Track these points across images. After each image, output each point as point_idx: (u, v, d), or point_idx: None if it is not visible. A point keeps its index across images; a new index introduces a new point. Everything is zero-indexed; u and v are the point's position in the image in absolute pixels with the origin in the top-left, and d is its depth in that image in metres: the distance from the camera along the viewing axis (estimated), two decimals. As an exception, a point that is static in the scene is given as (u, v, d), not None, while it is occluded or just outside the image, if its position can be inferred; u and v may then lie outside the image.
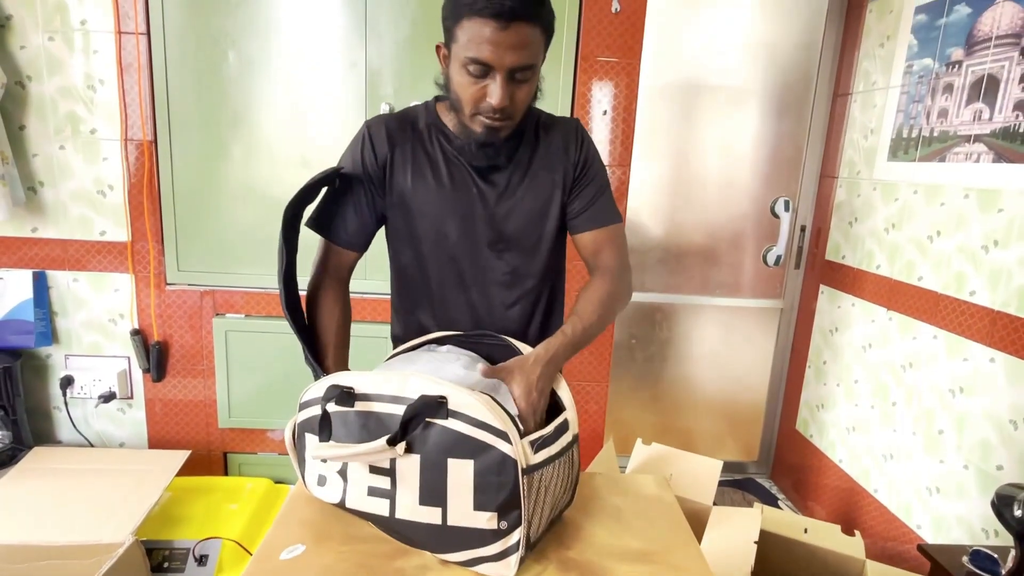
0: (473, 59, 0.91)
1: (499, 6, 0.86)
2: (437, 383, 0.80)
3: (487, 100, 0.94)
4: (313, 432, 0.88)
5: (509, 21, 0.87)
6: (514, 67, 0.91)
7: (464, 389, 0.80)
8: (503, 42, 0.89)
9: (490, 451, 0.78)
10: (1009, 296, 1.51)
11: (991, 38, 1.59)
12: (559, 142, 1.10)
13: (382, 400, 0.83)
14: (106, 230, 2.05)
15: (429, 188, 1.06)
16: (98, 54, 1.93)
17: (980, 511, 1.57)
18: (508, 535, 0.80)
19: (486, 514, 0.79)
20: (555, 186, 1.09)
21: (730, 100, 2.33)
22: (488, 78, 0.93)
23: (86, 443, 2.18)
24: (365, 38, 1.93)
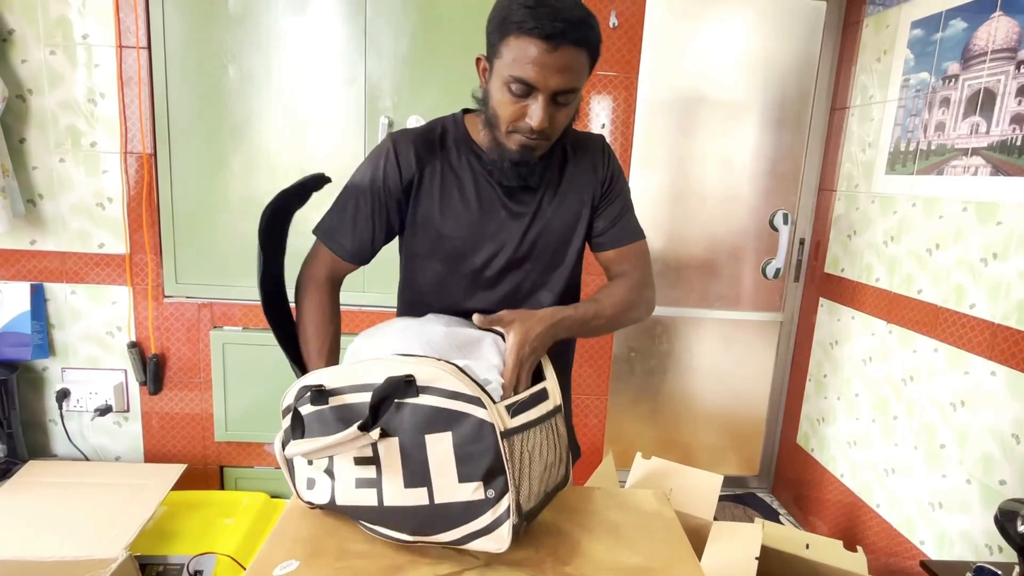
0: (517, 78, 0.89)
1: (549, 28, 0.85)
2: (402, 362, 0.79)
3: (526, 120, 0.93)
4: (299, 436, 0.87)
5: (558, 44, 0.86)
6: (558, 90, 0.90)
7: (429, 360, 0.78)
8: (550, 64, 0.87)
9: (466, 419, 0.77)
10: (1009, 309, 1.51)
11: (987, 52, 1.60)
12: (587, 161, 1.09)
13: (354, 391, 0.82)
14: (105, 242, 2.05)
15: (457, 211, 1.04)
16: (99, 68, 1.95)
17: (983, 526, 1.56)
18: (497, 503, 0.78)
19: (472, 485, 0.77)
20: (583, 205, 1.08)
21: (728, 114, 2.34)
22: (530, 98, 0.92)
23: (81, 457, 2.16)
24: (365, 53, 1.95)
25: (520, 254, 1.07)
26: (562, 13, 0.86)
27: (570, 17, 0.86)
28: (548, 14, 0.85)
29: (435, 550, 0.89)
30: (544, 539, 0.89)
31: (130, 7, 1.91)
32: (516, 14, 0.87)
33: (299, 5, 1.92)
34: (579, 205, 1.08)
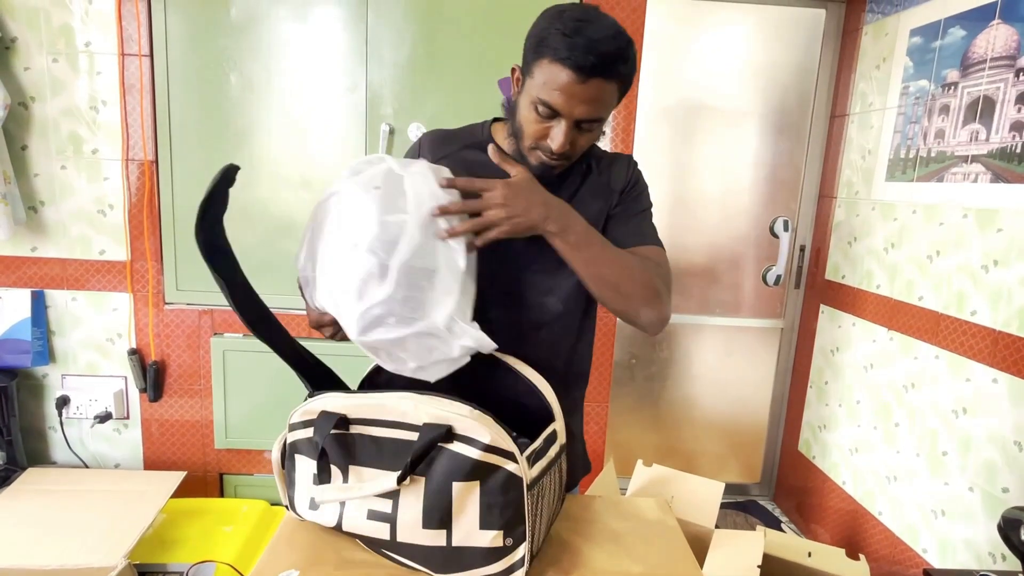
0: (544, 102, 0.90)
1: (582, 59, 0.85)
2: (437, 405, 0.78)
3: (548, 141, 0.94)
4: (305, 455, 0.86)
5: (588, 76, 0.86)
6: (582, 119, 0.91)
7: (466, 408, 0.77)
8: (577, 94, 0.88)
9: (497, 472, 0.77)
10: (1010, 316, 1.51)
11: (986, 60, 1.61)
12: (609, 173, 1.09)
13: (380, 426, 0.81)
14: (106, 249, 2.05)
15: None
16: (101, 75, 1.95)
17: (987, 534, 1.55)
18: (513, 551, 0.79)
19: (492, 533, 0.78)
20: (600, 213, 1.07)
21: (728, 121, 2.34)
22: (554, 120, 0.92)
23: (81, 464, 2.16)
24: (366, 60, 1.95)
25: (532, 254, 1.03)
26: (598, 46, 0.86)
27: (605, 51, 0.86)
28: (583, 45, 0.85)
29: (436, 559, 0.89)
30: (545, 549, 0.88)
31: (132, 15, 1.91)
32: (553, 39, 0.87)
33: (300, 13, 1.93)
34: (596, 212, 1.07)
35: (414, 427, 0.79)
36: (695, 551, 0.96)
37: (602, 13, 0.91)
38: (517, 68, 0.99)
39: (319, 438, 0.81)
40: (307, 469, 0.86)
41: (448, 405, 0.78)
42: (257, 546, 1.87)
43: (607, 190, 1.09)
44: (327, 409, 0.83)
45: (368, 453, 0.82)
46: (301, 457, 0.87)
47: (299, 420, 0.87)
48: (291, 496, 0.92)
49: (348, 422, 0.82)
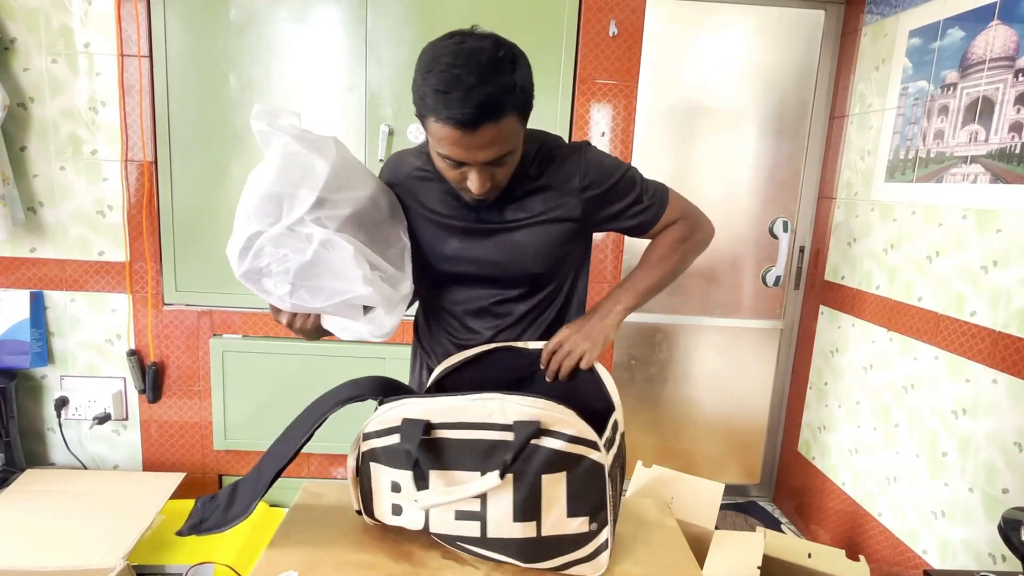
0: (445, 156, 0.90)
1: (461, 116, 0.83)
2: (521, 403, 0.81)
3: (467, 184, 0.94)
4: (384, 464, 0.86)
5: (477, 127, 0.84)
6: (489, 160, 0.90)
7: (550, 404, 0.81)
8: (474, 144, 0.87)
9: (582, 461, 0.82)
10: (1010, 317, 1.51)
11: (985, 61, 1.61)
12: (561, 175, 1.05)
13: (466, 428, 0.83)
14: (104, 250, 2.05)
15: (429, 223, 1.07)
16: (100, 76, 1.95)
17: (986, 535, 1.55)
18: (598, 535, 0.85)
19: (579, 519, 0.83)
20: (557, 221, 1.05)
21: (728, 122, 2.34)
22: (465, 167, 0.92)
23: (80, 465, 2.15)
24: (365, 61, 1.95)
25: (479, 268, 1.07)
26: (473, 96, 0.82)
27: (482, 97, 0.83)
28: (459, 100, 0.82)
29: (435, 560, 0.89)
30: (545, 549, 0.88)
31: (132, 16, 1.91)
32: (430, 99, 0.85)
33: (300, 14, 1.93)
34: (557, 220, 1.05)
35: (503, 426, 0.82)
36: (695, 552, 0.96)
37: (477, 43, 0.86)
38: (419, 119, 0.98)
39: (410, 446, 0.82)
40: (386, 477, 0.86)
41: (532, 402, 0.81)
42: (256, 548, 1.87)
43: (565, 191, 1.05)
44: (409, 416, 0.84)
45: (456, 456, 0.83)
46: (378, 465, 0.87)
47: (377, 429, 0.86)
48: (367, 503, 0.91)
49: (431, 427, 0.84)
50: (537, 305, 1.12)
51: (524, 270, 1.07)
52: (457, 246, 1.06)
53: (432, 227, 1.07)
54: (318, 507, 1.02)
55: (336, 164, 0.89)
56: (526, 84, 0.90)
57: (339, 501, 1.04)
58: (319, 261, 0.86)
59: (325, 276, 0.87)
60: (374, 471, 0.88)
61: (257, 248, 0.86)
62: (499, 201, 1.03)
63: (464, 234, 1.06)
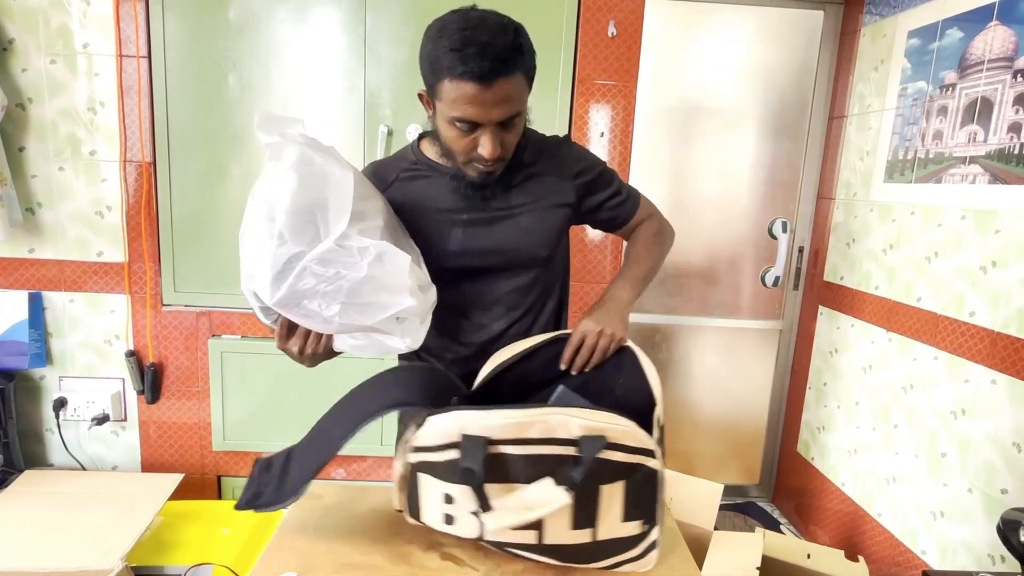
0: (459, 118, 0.92)
1: (479, 68, 0.86)
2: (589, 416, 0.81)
3: (479, 151, 0.95)
4: (437, 477, 0.83)
5: (492, 81, 0.88)
6: (502, 120, 0.93)
7: (614, 416, 0.81)
8: (488, 100, 0.89)
9: (640, 469, 0.83)
10: (1009, 317, 1.51)
11: (983, 61, 1.61)
12: (555, 160, 1.11)
13: (527, 444, 0.81)
14: (103, 251, 2.04)
15: (424, 221, 1.07)
16: (99, 77, 1.95)
17: (985, 536, 1.55)
18: (648, 535, 0.87)
19: (634, 523, 0.85)
20: (558, 203, 1.10)
21: (727, 123, 2.35)
22: (477, 131, 0.94)
23: (78, 466, 2.15)
24: (364, 62, 1.95)
25: (493, 256, 1.08)
26: (489, 49, 0.86)
27: (498, 51, 0.87)
28: (476, 55, 0.86)
29: (434, 560, 0.89)
30: (544, 550, 0.88)
31: (130, 16, 1.91)
32: (445, 59, 0.88)
33: (299, 14, 1.93)
34: (552, 206, 1.10)
35: (566, 441, 0.80)
36: (694, 553, 0.96)
37: (481, 12, 0.92)
38: (423, 93, 1.00)
39: (474, 465, 0.79)
40: (438, 489, 0.84)
41: (595, 415, 0.81)
42: (255, 549, 1.87)
43: (558, 179, 1.10)
44: (468, 432, 0.81)
45: (517, 470, 0.82)
46: (428, 477, 0.84)
47: (431, 444, 0.83)
48: (414, 508, 0.88)
49: (491, 442, 0.81)
50: (543, 293, 1.14)
51: (533, 254, 1.09)
52: (462, 238, 1.07)
53: (433, 224, 1.07)
54: (317, 508, 1.02)
55: (355, 173, 0.88)
56: (530, 50, 0.95)
57: (338, 502, 1.04)
58: (374, 275, 0.83)
59: (378, 291, 0.84)
60: (423, 482, 0.85)
61: (300, 270, 0.81)
62: (499, 189, 1.05)
63: (469, 225, 1.07)
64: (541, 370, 1.01)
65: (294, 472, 0.91)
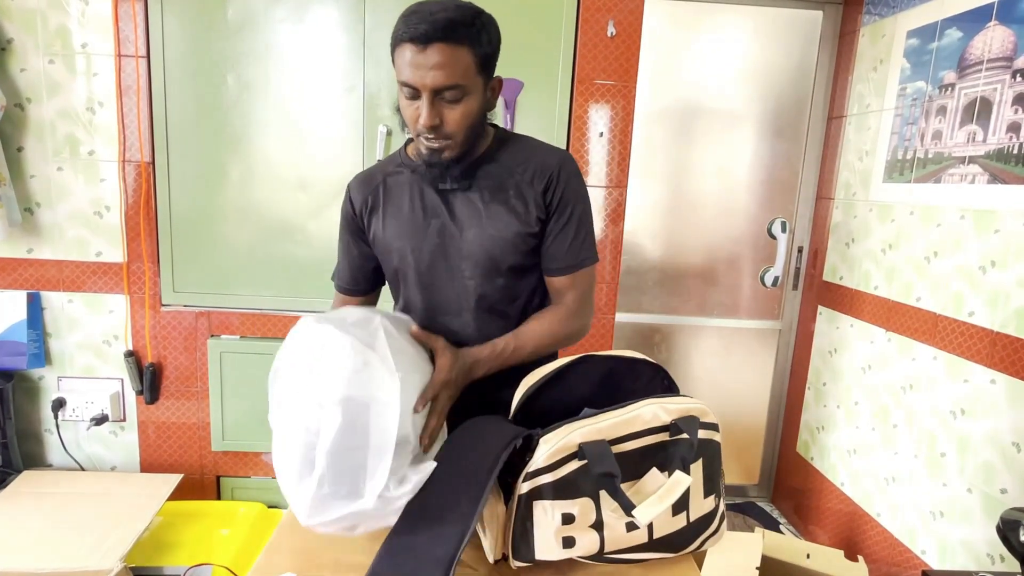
0: (402, 82, 0.96)
1: (414, 30, 0.91)
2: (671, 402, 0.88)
3: (419, 125, 0.98)
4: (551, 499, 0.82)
5: (427, 43, 0.91)
6: (436, 87, 0.93)
7: (692, 400, 0.90)
8: (422, 63, 0.92)
9: (711, 444, 0.91)
10: (1008, 317, 1.51)
11: (983, 61, 1.61)
12: (529, 174, 1.06)
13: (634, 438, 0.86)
14: (102, 251, 2.04)
15: (402, 221, 1.09)
16: (98, 77, 1.95)
17: (984, 535, 1.55)
18: (718, 509, 0.92)
19: (712, 497, 0.91)
20: (516, 215, 1.06)
21: (726, 123, 2.35)
22: (419, 99, 0.96)
23: (77, 467, 2.14)
24: (363, 61, 1.95)
25: (461, 259, 1.08)
26: (431, 17, 0.91)
27: (438, 18, 0.91)
28: (417, 19, 0.92)
29: (434, 562, 0.88)
30: (544, 550, 0.88)
31: (129, 16, 1.91)
32: (396, 28, 0.94)
33: (298, 14, 1.93)
34: (510, 213, 1.06)
35: (661, 428, 0.87)
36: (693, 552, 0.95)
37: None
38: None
39: (609, 467, 0.82)
40: (554, 512, 0.82)
41: (675, 401, 0.89)
42: (254, 549, 1.87)
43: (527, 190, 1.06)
44: (584, 441, 0.83)
45: (633, 465, 0.86)
46: (544, 503, 0.82)
47: (546, 464, 0.82)
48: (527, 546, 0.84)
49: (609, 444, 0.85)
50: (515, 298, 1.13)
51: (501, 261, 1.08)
52: (436, 240, 1.08)
53: (406, 224, 1.09)
54: (316, 508, 1.02)
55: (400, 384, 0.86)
56: (489, 33, 0.97)
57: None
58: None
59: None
60: (538, 510, 0.82)
61: (338, 517, 0.83)
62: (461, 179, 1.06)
63: (441, 228, 1.08)
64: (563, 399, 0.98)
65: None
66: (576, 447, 0.83)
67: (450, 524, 0.81)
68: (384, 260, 1.15)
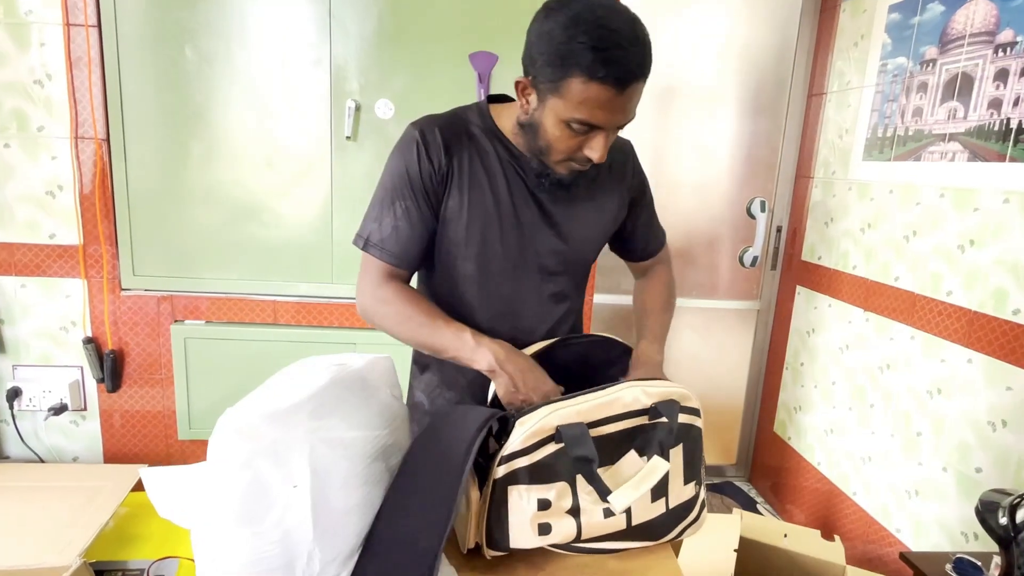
0: (581, 120, 0.84)
1: (623, 75, 0.80)
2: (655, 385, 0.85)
3: (585, 152, 0.89)
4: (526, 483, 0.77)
5: (627, 86, 0.81)
6: (622, 124, 0.88)
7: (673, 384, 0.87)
8: (619, 106, 0.83)
9: (691, 429, 0.87)
10: (986, 296, 1.50)
11: (965, 36, 1.58)
12: (619, 165, 1.07)
13: (613, 421, 0.82)
14: (56, 233, 1.94)
15: (488, 204, 0.96)
16: (45, 47, 1.83)
17: (959, 514, 1.56)
18: (698, 497, 0.89)
19: (691, 484, 0.88)
20: (619, 209, 1.08)
21: (705, 101, 2.30)
22: (591, 132, 0.87)
23: (36, 458, 2.06)
24: (330, 33, 1.86)
25: (550, 254, 1.02)
26: (631, 56, 0.80)
27: (639, 57, 0.81)
28: (619, 59, 0.79)
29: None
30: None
31: (78, -18, 1.79)
32: (582, 57, 0.79)
33: (260, -18, 1.83)
34: (615, 208, 1.07)
35: (640, 411, 0.83)
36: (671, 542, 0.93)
37: (613, 4, 0.83)
38: (525, 82, 0.89)
39: (586, 451, 0.78)
40: (530, 497, 0.78)
41: (656, 385, 0.85)
42: (223, 540, 1.81)
43: (619, 180, 1.07)
44: (561, 423, 0.79)
45: (610, 449, 0.82)
46: (519, 487, 0.78)
47: (522, 447, 0.77)
48: (501, 533, 0.79)
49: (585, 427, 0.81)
50: (576, 297, 1.13)
51: (585, 258, 1.09)
52: (524, 236, 0.99)
53: (491, 214, 0.97)
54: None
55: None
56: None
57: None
58: None
59: None
60: (513, 495, 0.78)
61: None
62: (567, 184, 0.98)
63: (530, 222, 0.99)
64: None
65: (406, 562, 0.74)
66: (553, 429, 0.79)
67: (431, 515, 0.76)
68: (449, 239, 0.98)
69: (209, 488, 0.71)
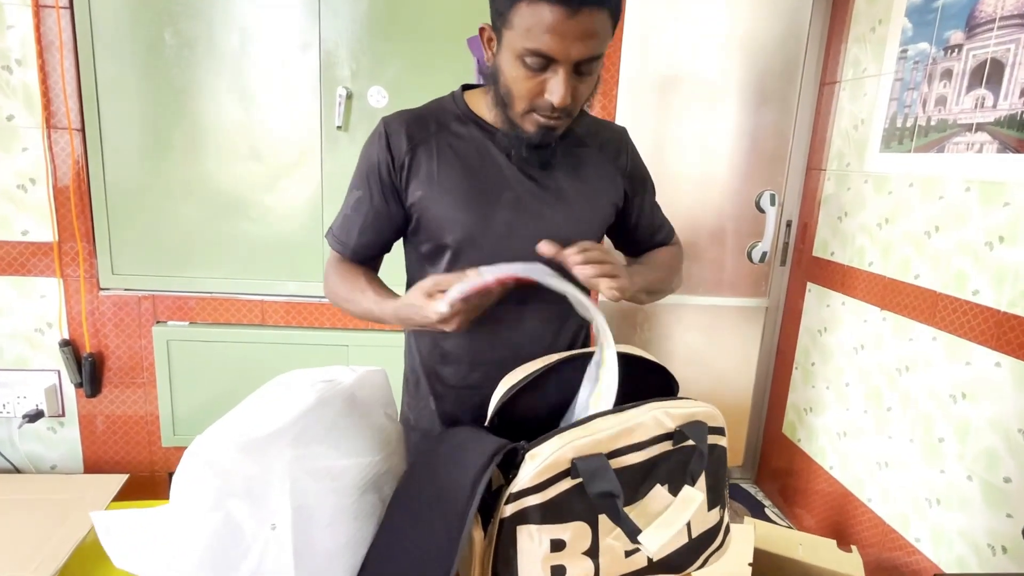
0: (534, 51, 0.77)
1: None
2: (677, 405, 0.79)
3: (546, 97, 0.81)
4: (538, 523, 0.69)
5: (578, 8, 0.74)
6: (581, 59, 0.78)
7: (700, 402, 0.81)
8: (570, 32, 0.75)
9: (715, 450, 0.81)
10: (1016, 296, 1.41)
11: (995, 19, 1.49)
12: (610, 148, 1.01)
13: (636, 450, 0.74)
14: (28, 229, 1.83)
15: (464, 188, 0.90)
16: (13, 30, 1.71)
17: (985, 525, 1.48)
18: (721, 522, 0.84)
19: (716, 510, 0.82)
20: (613, 190, 1.00)
21: (713, 91, 2.20)
22: (548, 71, 0.79)
23: (11, 468, 1.96)
24: (319, 15, 1.75)
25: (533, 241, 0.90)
26: None
27: None
28: None
29: None
30: None
31: (47, -39, 1.68)
32: None
33: (243, -39, 1.72)
34: (606, 194, 0.99)
35: (664, 436, 0.77)
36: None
37: None
38: (487, 27, 0.85)
39: (609, 485, 0.69)
40: (542, 538, 0.69)
41: (678, 404, 0.79)
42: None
43: (611, 165, 1.01)
44: (577, 456, 0.69)
45: (635, 481, 0.74)
46: (530, 528, 0.69)
47: (535, 483, 0.68)
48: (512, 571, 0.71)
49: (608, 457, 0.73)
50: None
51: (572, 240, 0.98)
52: (509, 220, 0.91)
53: (473, 199, 0.90)
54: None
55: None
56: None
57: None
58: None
59: None
60: (523, 535, 0.70)
61: None
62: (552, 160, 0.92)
63: (517, 205, 0.91)
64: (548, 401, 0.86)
65: None
66: (569, 463, 0.70)
67: (431, 556, 0.68)
68: (428, 231, 0.93)
69: (174, 533, 0.61)
